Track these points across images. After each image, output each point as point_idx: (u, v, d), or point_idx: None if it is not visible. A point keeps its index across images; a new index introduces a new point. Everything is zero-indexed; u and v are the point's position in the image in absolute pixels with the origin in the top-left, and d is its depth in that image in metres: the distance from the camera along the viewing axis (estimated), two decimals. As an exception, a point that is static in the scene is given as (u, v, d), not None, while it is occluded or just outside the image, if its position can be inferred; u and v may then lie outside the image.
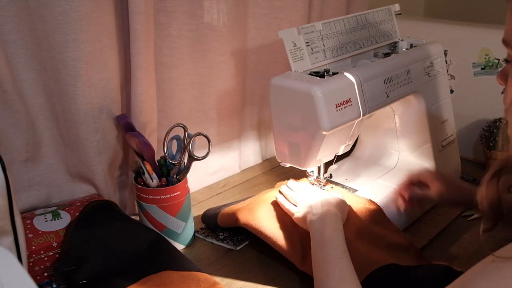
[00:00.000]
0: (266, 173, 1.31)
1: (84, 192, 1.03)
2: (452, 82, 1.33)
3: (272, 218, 0.94)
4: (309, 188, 0.98)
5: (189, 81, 1.11)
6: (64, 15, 0.84)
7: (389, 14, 1.08)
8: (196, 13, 1.05)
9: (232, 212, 0.98)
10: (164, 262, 0.86)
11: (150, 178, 0.93)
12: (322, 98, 0.82)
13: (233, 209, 0.99)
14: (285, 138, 0.92)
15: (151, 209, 0.94)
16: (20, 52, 0.88)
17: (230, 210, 0.99)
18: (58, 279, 0.82)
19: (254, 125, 1.32)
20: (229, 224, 0.99)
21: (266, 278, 0.90)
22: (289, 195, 0.95)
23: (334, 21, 0.96)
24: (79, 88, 0.90)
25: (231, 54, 1.14)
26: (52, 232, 0.88)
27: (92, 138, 0.95)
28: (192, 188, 1.07)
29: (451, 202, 0.96)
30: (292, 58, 0.88)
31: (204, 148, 0.96)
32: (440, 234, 1.02)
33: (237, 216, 0.95)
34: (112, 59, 0.94)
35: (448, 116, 1.12)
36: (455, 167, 1.16)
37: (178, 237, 0.97)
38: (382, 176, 1.08)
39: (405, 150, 1.11)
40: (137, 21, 0.91)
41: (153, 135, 1.06)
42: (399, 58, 1.00)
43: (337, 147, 0.96)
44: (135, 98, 0.98)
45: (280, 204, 0.95)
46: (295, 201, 0.92)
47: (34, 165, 0.96)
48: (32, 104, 0.93)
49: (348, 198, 0.98)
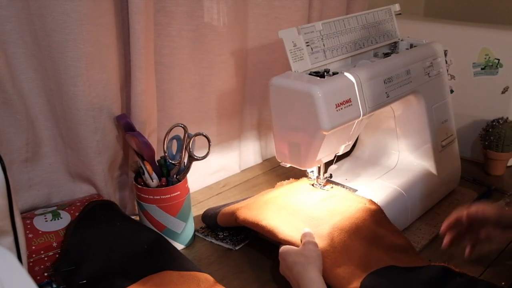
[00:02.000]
0: (266, 173, 1.31)
1: (84, 192, 1.03)
2: (452, 82, 1.33)
3: (272, 212, 0.93)
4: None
5: (189, 81, 1.11)
6: (64, 15, 0.84)
7: (389, 14, 1.08)
8: (196, 13, 1.05)
9: (231, 211, 0.98)
10: (164, 262, 0.86)
11: (150, 178, 0.93)
12: (322, 98, 0.82)
13: (232, 208, 0.99)
14: (285, 138, 0.92)
15: (151, 209, 0.94)
16: (20, 52, 0.88)
17: (230, 209, 0.99)
18: (58, 279, 0.82)
19: (254, 125, 1.32)
20: (229, 223, 0.99)
21: (266, 278, 0.90)
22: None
23: (334, 21, 0.96)
24: (79, 88, 0.90)
25: (231, 54, 1.14)
26: (52, 232, 0.88)
27: (92, 138, 0.95)
28: (192, 188, 1.07)
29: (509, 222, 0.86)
30: (292, 58, 0.88)
31: (204, 148, 0.96)
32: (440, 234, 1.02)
33: (236, 214, 0.95)
34: (112, 59, 0.94)
35: (448, 116, 1.12)
36: (455, 167, 1.16)
37: (178, 237, 0.97)
38: (382, 176, 1.08)
39: (405, 150, 1.11)
40: (137, 21, 0.91)
41: (153, 135, 1.06)
42: (399, 58, 1.00)
43: (337, 147, 0.96)
44: (135, 98, 0.98)
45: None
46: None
47: (34, 165, 0.96)
48: (32, 104, 0.93)
49: (349, 198, 0.98)
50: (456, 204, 1.12)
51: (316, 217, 0.92)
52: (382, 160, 1.14)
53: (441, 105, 1.09)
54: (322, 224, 0.90)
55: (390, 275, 0.83)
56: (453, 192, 1.16)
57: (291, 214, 0.93)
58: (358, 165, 1.14)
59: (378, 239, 0.90)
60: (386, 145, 1.14)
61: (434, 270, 0.83)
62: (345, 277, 0.82)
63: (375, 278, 0.81)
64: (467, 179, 1.23)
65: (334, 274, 0.82)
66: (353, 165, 1.15)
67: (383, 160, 1.14)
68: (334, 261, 0.84)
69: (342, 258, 0.85)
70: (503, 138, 1.21)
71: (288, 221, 0.91)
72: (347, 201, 0.97)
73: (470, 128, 1.32)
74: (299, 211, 0.94)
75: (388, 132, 1.12)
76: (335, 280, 0.82)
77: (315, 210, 0.94)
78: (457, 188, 1.18)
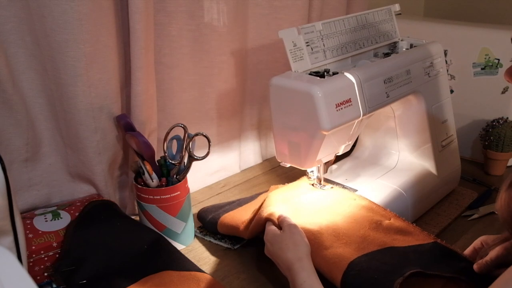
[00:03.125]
0: (266, 173, 1.31)
1: (84, 192, 1.03)
2: (452, 82, 1.33)
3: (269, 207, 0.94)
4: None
5: (189, 81, 1.11)
6: (64, 15, 0.84)
7: (389, 14, 1.08)
8: (196, 13, 1.05)
9: (236, 225, 0.96)
10: (164, 262, 0.86)
11: (150, 178, 0.93)
12: (322, 98, 0.82)
13: (235, 221, 0.96)
14: (285, 138, 0.92)
15: (151, 209, 0.94)
16: (20, 52, 0.88)
17: (233, 221, 0.97)
18: (58, 279, 0.82)
19: (254, 125, 1.32)
20: (232, 233, 0.98)
21: (266, 278, 0.90)
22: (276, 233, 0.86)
23: (334, 21, 0.96)
24: (79, 88, 0.90)
25: (231, 54, 1.14)
26: (52, 232, 0.88)
27: (92, 138, 0.95)
28: (192, 188, 1.07)
29: None
30: (292, 58, 0.88)
31: (204, 148, 0.96)
32: (440, 234, 1.02)
33: (241, 230, 0.95)
34: (112, 59, 0.94)
35: (448, 116, 1.12)
36: (455, 167, 1.16)
37: (178, 237, 0.97)
38: (382, 176, 1.08)
39: (405, 150, 1.11)
40: (137, 21, 0.91)
41: (153, 135, 1.06)
42: (399, 58, 1.00)
43: (337, 147, 0.96)
44: (135, 98, 0.98)
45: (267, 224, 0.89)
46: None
47: (34, 165, 0.96)
48: (32, 104, 0.93)
49: (342, 196, 0.99)
50: (456, 204, 1.12)
51: (311, 213, 0.92)
52: (382, 160, 1.14)
53: (441, 105, 1.09)
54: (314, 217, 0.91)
55: (384, 256, 0.83)
56: (453, 192, 1.16)
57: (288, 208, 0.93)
58: (358, 165, 1.14)
59: (374, 223, 0.90)
60: (386, 145, 1.14)
61: (424, 247, 0.84)
62: (332, 258, 0.82)
63: (366, 260, 0.81)
64: (467, 179, 1.23)
65: (320, 255, 0.83)
66: (353, 165, 1.15)
67: (383, 160, 1.14)
68: (320, 243, 0.85)
69: (330, 240, 0.85)
70: (503, 138, 1.21)
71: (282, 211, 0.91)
72: (341, 199, 0.97)
73: (470, 128, 1.32)
74: (297, 209, 0.94)
75: (388, 132, 1.12)
76: (322, 261, 0.82)
77: (313, 207, 0.95)
78: (457, 188, 1.18)
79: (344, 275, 0.79)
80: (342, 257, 0.82)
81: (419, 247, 0.86)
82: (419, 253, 0.84)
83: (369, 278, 0.78)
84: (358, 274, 0.79)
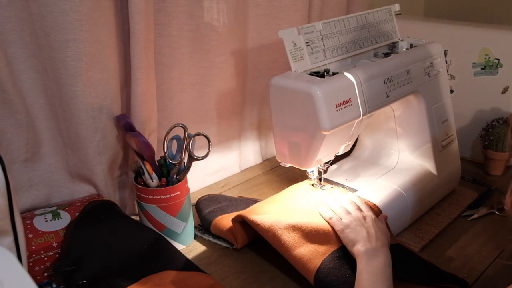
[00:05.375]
0: (266, 173, 1.31)
1: (84, 192, 1.03)
2: (452, 82, 1.33)
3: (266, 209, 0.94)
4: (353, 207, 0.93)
5: (189, 81, 1.11)
6: (64, 15, 0.84)
7: (389, 14, 1.08)
8: (196, 13, 1.05)
9: (227, 233, 0.97)
10: (164, 262, 0.86)
11: (150, 178, 0.93)
12: (322, 98, 0.82)
13: (227, 229, 0.96)
14: (285, 138, 0.92)
15: (151, 209, 0.94)
16: (20, 52, 0.88)
17: (225, 228, 0.97)
18: (58, 279, 0.82)
19: (254, 125, 1.32)
20: (224, 236, 0.99)
21: (265, 278, 0.90)
22: (337, 211, 0.91)
23: (334, 21, 0.96)
24: (79, 88, 0.90)
25: (231, 54, 1.14)
26: (52, 232, 0.88)
27: (92, 138, 0.95)
28: (192, 188, 1.07)
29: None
30: (292, 58, 0.88)
31: (204, 148, 0.96)
32: (440, 234, 1.02)
33: (232, 239, 0.96)
34: (112, 59, 0.94)
35: (448, 116, 1.12)
36: (455, 167, 1.16)
37: (178, 237, 0.97)
38: (382, 176, 1.08)
39: (405, 150, 1.11)
40: (137, 21, 0.91)
41: (153, 135, 1.06)
42: (399, 58, 1.00)
43: (337, 147, 0.96)
44: (135, 98, 0.98)
45: (325, 217, 0.91)
46: (344, 218, 0.89)
47: (34, 165, 0.96)
48: (32, 104, 0.93)
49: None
50: (456, 204, 1.12)
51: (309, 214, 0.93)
52: (382, 160, 1.14)
53: (441, 105, 1.09)
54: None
55: (345, 258, 0.85)
56: (453, 192, 1.16)
57: (287, 210, 0.93)
58: (358, 165, 1.14)
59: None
60: (386, 145, 1.14)
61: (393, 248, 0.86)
62: (306, 255, 0.83)
63: (340, 256, 0.84)
64: (467, 179, 1.23)
65: (294, 253, 0.84)
66: (353, 165, 1.15)
67: (383, 160, 1.14)
68: (296, 240, 0.85)
69: (306, 237, 0.86)
70: (503, 138, 1.21)
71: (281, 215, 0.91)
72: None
73: (470, 128, 1.32)
74: (296, 210, 0.94)
75: (388, 132, 1.12)
76: (295, 259, 0.84)
77: (311, 208, 0.95)
78: (457, 188, 1.18)
79: (317, 272, 0.81)
80: (317, 254, 0.84)
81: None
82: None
83: (342, 276, 0.81)
84: (329, 272, 0.81)
